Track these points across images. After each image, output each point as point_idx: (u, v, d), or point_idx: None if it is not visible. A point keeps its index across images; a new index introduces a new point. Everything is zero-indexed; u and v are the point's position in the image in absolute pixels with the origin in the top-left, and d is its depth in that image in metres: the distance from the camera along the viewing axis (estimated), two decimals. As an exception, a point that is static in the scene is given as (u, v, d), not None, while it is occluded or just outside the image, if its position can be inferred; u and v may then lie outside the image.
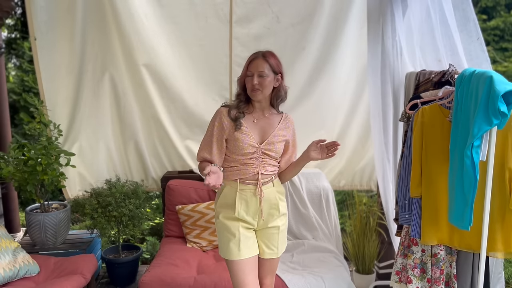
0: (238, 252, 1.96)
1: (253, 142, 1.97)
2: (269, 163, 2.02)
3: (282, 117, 2.08)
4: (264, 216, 2.00)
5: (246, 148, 1.96)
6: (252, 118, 2.02)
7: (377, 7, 2.66)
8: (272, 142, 2.00)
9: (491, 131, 1.63)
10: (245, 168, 1.99)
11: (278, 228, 2.05)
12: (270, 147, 2.00)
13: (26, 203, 4.60)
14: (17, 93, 5.56)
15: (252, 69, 1.96)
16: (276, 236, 2.06)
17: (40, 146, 2.85)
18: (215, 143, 2.01)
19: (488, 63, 2.08)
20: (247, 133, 1.97)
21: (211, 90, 3.35)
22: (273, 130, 2.02)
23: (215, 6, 3.16)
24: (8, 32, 5.79)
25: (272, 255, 2.07)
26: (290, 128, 2.10)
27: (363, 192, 3.67)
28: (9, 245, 2.55)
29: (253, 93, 1.97)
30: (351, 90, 3.43)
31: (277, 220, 2.05)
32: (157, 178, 3.51)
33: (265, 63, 1.96)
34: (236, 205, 1.98)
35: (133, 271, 3.28)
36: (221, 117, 2.00)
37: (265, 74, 1.95)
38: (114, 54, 3.20)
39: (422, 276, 2.01)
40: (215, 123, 2.01)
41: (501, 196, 1.78)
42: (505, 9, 6.90)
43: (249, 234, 2.01)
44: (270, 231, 2.05)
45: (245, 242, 1.97)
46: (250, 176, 1.98)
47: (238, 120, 1.97)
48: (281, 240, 2.08)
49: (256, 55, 1.99)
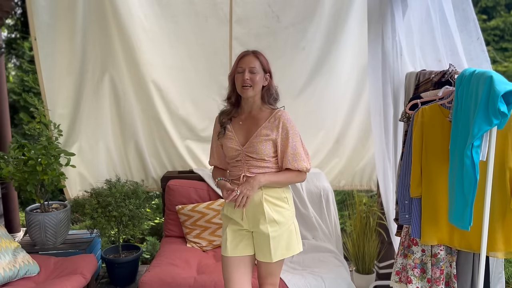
0: (225, 249, 2.03)
1: (236, 145, 2.00)
2: (255, 165, 1.96)
3: (271, 115, 1.98)
4: (248, 218, 1.98)
5: (230, 151, 2.02)
6: (239, 120, 2.05)
7: (377, 7, 2.66)
8: (252, 143, 1.95)
9: (491, 131, 1.63)
10: (232, 170, 2.05)
11: (268, 236, 1.93)
12: (251, 149, 1.96)
13: (26, 203, 4.60)
14: (17, 93, 5.56)
15: (243, 65, 1.96)
16: (266, 242, 1.95)
17: (40, 146, 2.85)
18: (215, 149, 2.15)
19: (488, 63, 2.08)
20: (230, 137, 2.03)
21: (211, 90, 3.34)
22: (256, 130, 1.97)
23: (215, 6, 3.16)
24: (8, 32, 5.80)
25: (265, 259, 1.99)
26: (279, 126, 1.95)
27: (363, 192, 3.67)
28: (9, 245, 2.55)
29: (244, 89, 1.95)
30: (351, 90, 3.42)
31: (266, 226, 1.94)
32: (157, 178, 3.51)
33: (256, 60, 1.97)
34: (224, 204, 2.07)
35: (133, 271, 3.28)
36: (216, 124, 2.12)
37: (256, 70, 1.95)
38: (114, 54, 3.20)
39: (422, 276, 2.01)
40: (214, 129, 2.13)
41: (501, 196, 1.78)
42: (505, 9, 6.91)
43: (239, 234, 2.02)
44: (259, 236, 1.98)
45: (232, 241, 2.01)
46: (237, 178, 2.01)
47: (224, 126, 2.05)
48: (275, 246, 1.95)
49: (246, 53, 2.01)
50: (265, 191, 1.97)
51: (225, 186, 1.97)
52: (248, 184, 1.92)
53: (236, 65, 2.00)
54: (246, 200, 1.91)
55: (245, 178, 1.97)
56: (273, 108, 2.04)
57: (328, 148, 3.56)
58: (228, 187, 1.95)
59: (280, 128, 1.95)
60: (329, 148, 3.56)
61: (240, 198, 1.90)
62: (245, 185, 1.92)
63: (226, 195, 1.94)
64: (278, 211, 1.98)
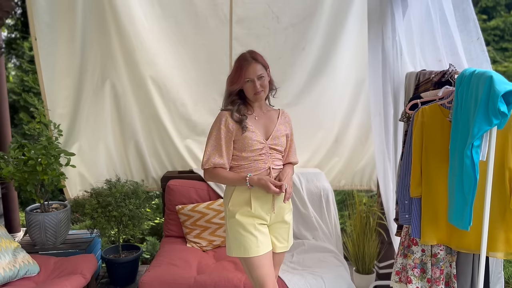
0: (257, 248, 2.01)
1: (260, 139, 2.06)
2: (277, 157, 2.10)
3: (279, 113, 2.17)
4: (275, 210, 2.06)
5: (255, 145, 2.03)
6: (254, 116, 2.10)
7: (377, 7, 2.66)
8: (276, 136, 2.09)
9: (491, 131, 1.63)
10: (255, 164, 2.05)
11: (289, 224, 2.15)
12: (276, 141, 2.08)
13: (26, 203, 4.61)
14: (17, 93, 5.56)
15: (250, 75, 2.01)
16: (287, 230, 2.15)
17: (40, 146, 2.85)
18: (224, 146, 2.05)
19: (488, 63, 2.08)
20: (253, 131, 2.04)
21: (211, 90, 3.35)
22: (275, 125, 2.11)
23: (215, 6, 3.16)
24: (8, 32, 5.80)
25: (283, 248, 2.16)
26: (288, 123, 2.19)
27: (363, 192, 3.67)
28: (9, 245, 2.55)
29: (257, 96, 2.04)
30: (350, 89, 3.43)
31: (288, 214, 2.14)
32: (157, 178, 3.51)
33: (259, 65, 2.03)
34: (252, 202, 2.03)
35: (133, 271, 3.28)
36: (227, 120, 2.04)
37: (263, 75, 2.03)
38: (114, 54, 3.20)
39: (422, 276, 2.01)
40: (221, 126, 2.04)
41: (501, 196, 1.78)
42: (505, 9, 6.90)
43: (265, 231, 2.07)
44: (281, 226, 2.13)
45: (262, 238, 2.04)
46: (262, 172, 2.04)
47: (243, 121, 2.03)
48: (291, 233, 2.19)
49: (246, 61, 2.02)
50: None
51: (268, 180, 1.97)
52: (289, 176, 2.08)
53: (242, 76, 2.01)
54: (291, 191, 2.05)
55: (270, 170, 2.05)
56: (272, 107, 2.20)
57: (327, 147, 3.56)
58: (274, 181, 1.98)
59: (289, 125, 2.19)
60: (328, 147, 3.56)
61: (290, 189, 2.03)
62: (287, 178, 2.05)
63: (275, 188, 1.95)
64: (290, 201, 2.15)
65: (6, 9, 3.14)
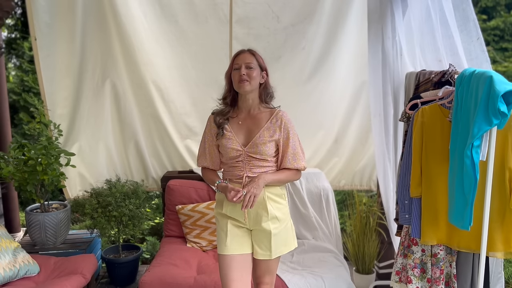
0: (225, 247, 1.99)
1: (237, 146, 1.99)
2: (257, 164, 1.98)
3: (272, 115, 2.01)
4: (250, 216, 1.98)
5: (230, 152, 1.99)
6: (237, 120, 2.04)
7: (377, 7, 2.66)
8: (256, 144, 1.96)
9: (491, 131, 1.63)
10: (232, 170, 2.02)
11: (270, 232, 1.96)
12: (254, 149, 1.96)
13: (26, 203, 4.61)
14: (17, 93, 5.56)
15: (239, 61, 1.98)
16: (268, 239, 1.98)
17: (40, 146, 2.85)
18: (207, 149, 2.10)
19: (488, 63, 2.08)
20: (230, 137, 2.00)
21: (211, 90, 3.34)
22: (258, 130, 1.98)
23: (215, 6, 3.16)
24: (8, 32, 5.80)
25: (264, 256, 2.00)
26: (281, 127, 1.98)
27: (363, 192, 3.67)
28: (9, 245, 2.55)
29: (241, 84, 1.95)
30: (350, 89, 3.43)
31: (268, 223, 1.96)
32: (157, 178, 3.51)
33: (252, 57, 2.00)
34: (224, 203, 2.02)
35: (133, 271, 3.28)
36: (210, 125, 2.08)
37: (252, 66, 1.97)
38: (114, 54, 3.20)
39: (422, 276, 2.01)
40: (206, 130, 2.09)
41: (501, 196, 1.78)
42: (505, 9, 6.90)
43: (239, 232, 2.01)
44: (261, 233, 2.00)
45: (233, 238, 1.99)
46: (237, 179, 2.00)
47: (222, 126, 2.01)
48: (275, 243, 1.99)
49: (242, 50, 2.03)
50: (267, 189, 1.98)
51: (228, 187, 1.93)
52: (255, 184, 1.91)
53: (232, 63, 2.01)
54: (254, 200, 1.89)
55: (247, 178, 1.96)
56: (271, 107, 2.07)
57: (327, 147, 3.56)
58: (232, 188, 1.92)
59: (282, 129, 1.99)
60: (328, 147, 3.56)
61: (248, 198, 1.88)
62: (252, 185, 1.90)
63: (231, 196, 1.89)
64: (278, 208, 2.01)
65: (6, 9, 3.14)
